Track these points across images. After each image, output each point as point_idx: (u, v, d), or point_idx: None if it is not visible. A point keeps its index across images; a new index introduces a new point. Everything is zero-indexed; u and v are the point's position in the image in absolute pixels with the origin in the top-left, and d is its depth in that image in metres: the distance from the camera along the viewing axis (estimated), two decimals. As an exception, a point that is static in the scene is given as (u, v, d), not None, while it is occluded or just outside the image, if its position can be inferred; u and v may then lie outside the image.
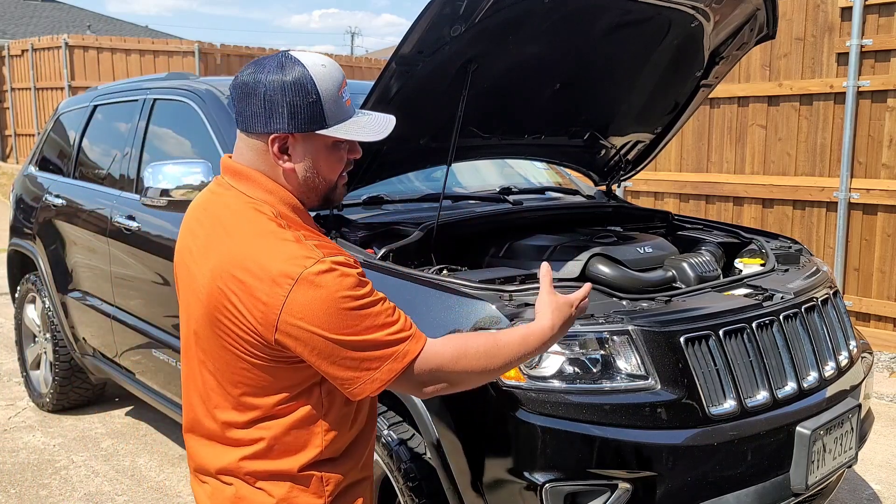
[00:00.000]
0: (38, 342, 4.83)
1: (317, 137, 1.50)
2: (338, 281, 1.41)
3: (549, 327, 1.60)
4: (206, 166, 2.99)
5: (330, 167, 1.54)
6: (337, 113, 1.49)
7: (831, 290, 2.81)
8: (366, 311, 1.44)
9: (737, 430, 2.22)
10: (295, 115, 1.47)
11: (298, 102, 1.46)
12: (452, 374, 1.50)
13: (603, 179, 3.82)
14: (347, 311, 1.42)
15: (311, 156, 1.51)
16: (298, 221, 1.52)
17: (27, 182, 4.97)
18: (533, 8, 2.55)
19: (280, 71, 1.47)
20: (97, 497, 3.63)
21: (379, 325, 1.44)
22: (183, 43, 15.32)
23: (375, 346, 1.44)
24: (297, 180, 1.53)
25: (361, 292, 1.44)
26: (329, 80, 1.49)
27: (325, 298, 1.40)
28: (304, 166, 1.52)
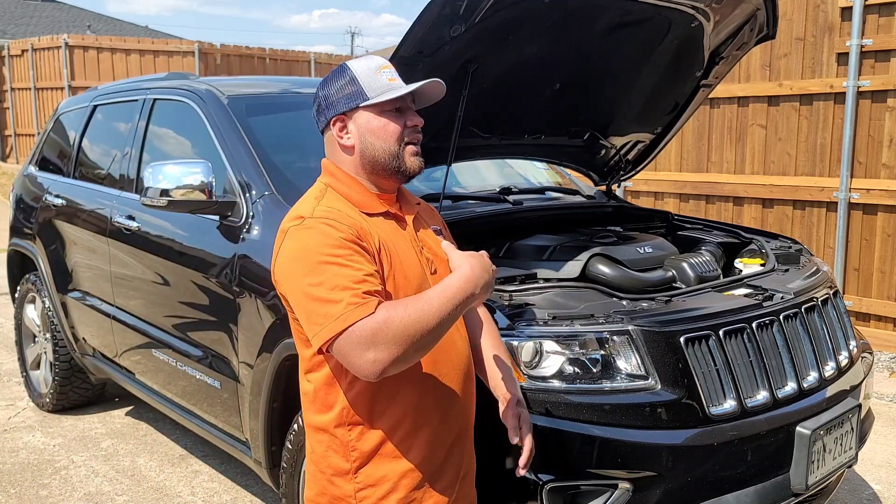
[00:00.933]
0: (37, 342, 4.83)
1: (365, 111, 1.73)
2: (314, 236, 1.60)
3: (466, 269, 1.62)
4: (206, 166, 2.98)
5: (381, 135, 1.73)
6: (376, 87, 1.72)
7: (831, 290, 2.81)
8: (329, 268, 1.56)
9: (737, 430, 2.22)
10: (341, 98, 1.74)
11: (341, 86, 1.75)
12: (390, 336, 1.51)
13: (603, 179, 3.82)
14: (315, 263, 1.57)
15: (361, 128, 1.74)
16: (352, 197, 1.73)
17: (27, 182, 4.97)
18: (533, 8, 2.55)
19: (332, 75, 1.78)
20: (97, 497, 3.63)
21: (336, 286, 1.54)
22: (183, 43, 15.33)
23: (326, 303, 1.54)
24: (359, 154, 1.75)
25: (333, 251, 1.57)
26: (365, 63, 1.76)
27: (300, 249, 1.61)
28: (360, 139, 1.75)
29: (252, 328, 2.84)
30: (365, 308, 1.52)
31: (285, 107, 3.72)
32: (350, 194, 1.74)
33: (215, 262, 3.06)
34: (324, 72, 16.95)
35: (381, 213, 1.76)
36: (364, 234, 1.65)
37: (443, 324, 1.56)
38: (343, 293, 1.53)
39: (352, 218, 1.67)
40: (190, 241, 3.27)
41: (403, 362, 1.54)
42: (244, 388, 2.92)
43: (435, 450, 1.75)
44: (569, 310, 2.25)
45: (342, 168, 1.78)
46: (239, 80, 4.49)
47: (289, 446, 2.68)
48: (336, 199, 1.73)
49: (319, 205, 1.69)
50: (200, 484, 3.76)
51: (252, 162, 3.09)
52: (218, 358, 3.10)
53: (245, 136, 3.20)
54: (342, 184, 1.76)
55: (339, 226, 1.62)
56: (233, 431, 3.12)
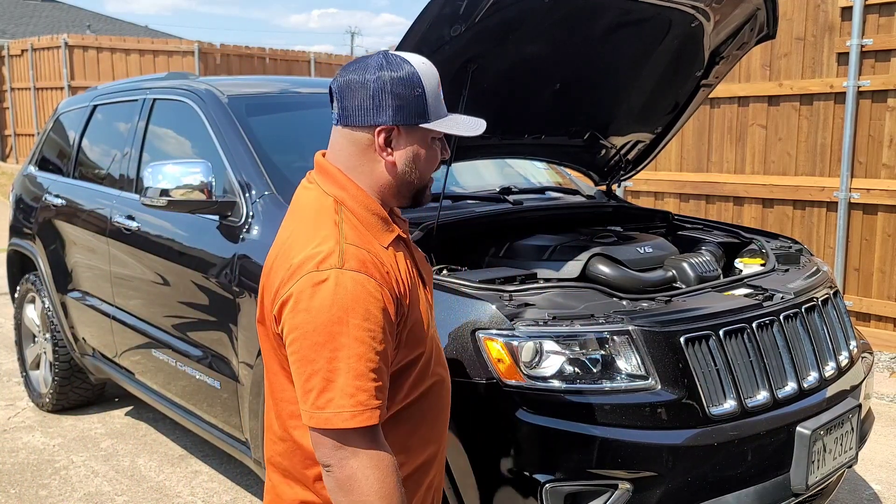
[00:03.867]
0: (37, 342, 4.82)
1: (419, 131, 1.53)
2: (345, 296, 1.38)
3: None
4: (205, 166, 2.98)
5: (427, 162, 1.56)
6: (437, 109, 1.55)
7: (831, 290, 2.81)
8: (354, 346, 1.36)
9: (737, 430, 2.22)
10: (402, 108, 1.49)
11: (406, 95, 1.49)
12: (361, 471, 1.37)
13: (603, 179, 3.82)
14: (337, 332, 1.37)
15: (412, 149, 1.53)
16: (367, 220, 1.51)
17: (27, 182, 4.97)
18: (533, 8, 2.55)
19: (388, 67, 1.49)
20: (97, 497, 3.63)
21: (352, 372, 1.36)
22: (183, 43, 15.33)
23: (335, 388, 1.36)
24: (396, 173, 1.53)
25: (363, 323, 1.37)
26: (432, 77, 1.55)
27: (323, 307, 1.37)
28: (405, 160, 1.53)
29: (252, 328, 2.84)
30: (374, 415, 1.37)
31: (285, 107, 3.72)
32: (368, 220, 1.51)
33: (215, 262, 3.06)
34: (324, 72, 16.93)
35: (395, 238, 1.56)
36: (391, 284, 1.45)
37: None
38: (360, 384, 1.36)
39: (378, 260, 1.45)
40: (190, 241, 3.27)
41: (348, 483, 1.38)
42: (244, 388, 2.92)
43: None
44: (569, 310, 2.25)
45: (355, 181, 1.53)
46: (239, 79, 4.49)
47: (289, 446, 2.68)
48: (355, 225, 1.49)
49: (344, 236, 1.45)
50: (200, 484, 3.75)
51: (252, 162, 3.09)
52: (218, 358, 3.10)
53: (245, 136, 3.20)
54: (357, 203, 1.51)
55: (370, 282, 1.39)
56: (233, 431, 3.12)
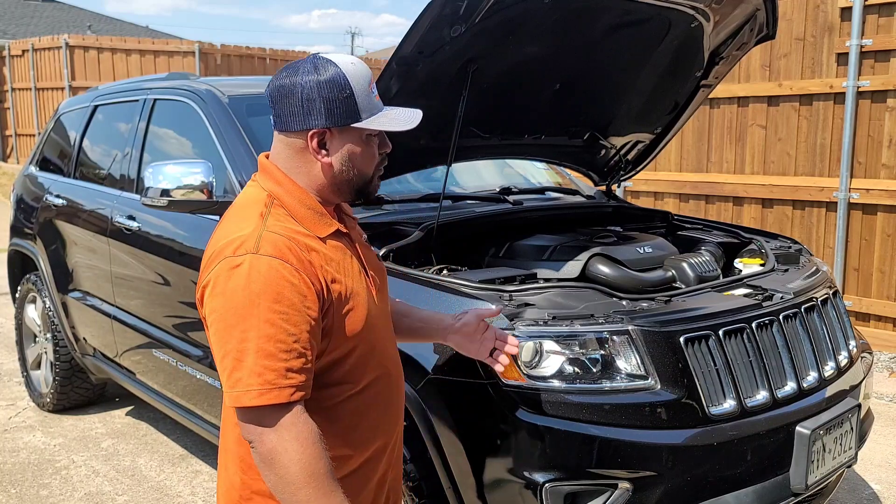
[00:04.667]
0: (38, 342, 4.83)
1: (352, 131, 1.57)
2: (257, 278, 1.42)
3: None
4: (206, 166, 2.99)
5: (364, 159, 1.59)
6: (369, 107, 1.57)
7: (831, 290, 2.81)
8: (264, 327, 1.41)
9: (737, 430, 2.22)
10: (332, 111, 1.54)
11: (334, 98, 1.53)
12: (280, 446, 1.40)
13: (603, 179, 3.82)
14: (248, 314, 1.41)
15: (346, 149, 1.57)
16: (300, 213, 1.55)
17: (28, 182, 4.97)
18: (533, 8, 2.55)
19: (315, 72, 1.54)
20: (97, 497, 3.64)
21: (264, 353, 1.40)
22: (183, 43, 15.33)
23: (246, 367, 1.40)
24: (332, 174, 1.58)
25: (274, 305, 1.41)
26: (360, 77, 1.57)
27: (235, 289, 1.43)
28: (341, 160, 1.58)
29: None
30: (282, 393, 1.40)
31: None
32: (301, 212, 1.55)
33: (216, 262, 3.05)
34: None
35: (332, 233, 1.58)
36: (312, 272, 1.48)
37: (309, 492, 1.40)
38: (268, 363, 1.40)
39: (301, 247, 1.49)
40: (190, 241, 3.27)
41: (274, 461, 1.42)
42: (244, 387, 2.92)
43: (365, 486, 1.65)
44: (569, 310, 2.25)
45: (294, 179, 1.58)
46: (239, 80, 4.50)
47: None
48: (283, 217, 1.53)
49: (268, 223, 1.50)
50: (201, 484, 3.76)
51: (252, 162, 3.10)
52: (218, 358, 3.10)
53: (245, 136, 3.21)
54: (292, 197, 1.56)
55: (285, 266, 1.44)
56: (233, 431, 3.12)
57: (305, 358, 1.44)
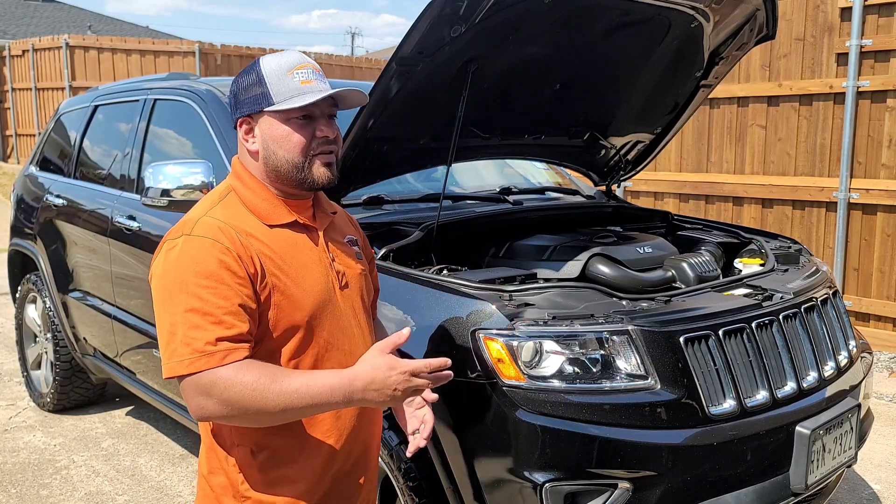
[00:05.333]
0: (38, 342, 4.83)
1: (270, 116, 1.60)
2: (186, 255, 1.50)
3: (360, 376, 1.48)
4: (206, 166, 2.99)
5: (284, 145, 1.60)
6: (284, 91, 1.58)
7: (831, 290, 2.81)
8: (190, 300, 1.46)
9: (736, 430, 2.23)
10: (246, 100, 1.62)
11: (245, 87, 1.62)
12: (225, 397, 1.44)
13: (603, 179, 3.82)
14: (177, 289, 1.48)
15: (266, 134, 1.61)
16: (253, 204, 1.62)
17: (28, 182, 4.97)
18: (533, 8, 2.55)
19: (240, 73, 1.66)
20: (98, 497, 3.64)
21: (191, 324, 1.45)
22: (183, 43, 15.33)
23: (177, 338, 1.46)
24: (262, 161, 1.63)
25: (200, 280, 1.47)
26: (276, 61, 1.61)
27: (168, 267, 1.51)
28: (263, 146, 1.62)
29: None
30: (212, 359, 1.44)
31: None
32: (253, 202, 1.62)
33: (216, 262, 3.06)
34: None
35: (287, 223, 1.63)
36: (246, 253, 1.52)
37: (288, 413, 1.47)
38: (196, 334, 1.45)
39: (237, 233, 1.54)
40: (190, 241, 3.27)
41: (233, 422, 1.49)
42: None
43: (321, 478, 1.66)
44: (569, 310, 2.25)
45: (250, 171, 1.66)
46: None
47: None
48: (235, 205, 1.62)
49: (212, 211, 1.59)
50: (201, 484, 3.76)
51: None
52: (218, 358, 3.10)
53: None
54: (247, 188, 1.64)
55: (215, 245, 1.50)
56: (233, 431, 3.12)
57: (237, 329, 1.47)
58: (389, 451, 2.35)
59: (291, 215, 1.64)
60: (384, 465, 2.38)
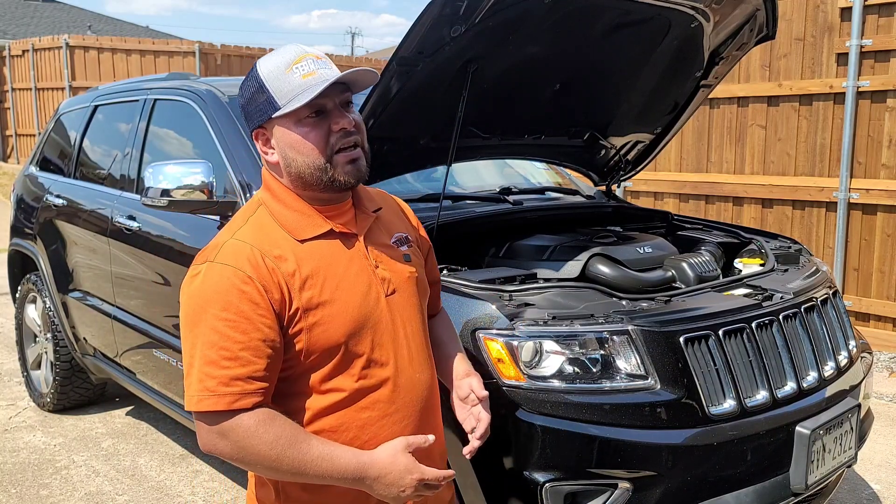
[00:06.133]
0: (38, 342, 4.83)
1: (281, 121, 1.50)
2: (209, 285, 1.44)
3: (376, 467, 1.44)
4: (206, 166, 2.99)
5: (301, 149, 1.50)
6: (287, 91, 1.48)
7: (831, 290, 2.81)
8: (210, 335, 1.41)
9: (736, 430, 2.23)
10: (255, 111, 1.52)
11: (250, 97, 1.52)
12: (239, 445, 1.42)
13: (603, 179, 3.82)
14: (198, 321, 1.43)
15: (283, 141, 1.51)
16: (283, 217, 1.54)
17: (28, 182, 4.97)
18: (533, 8, 2.55)
19: (241, 85, 1.56)
20: (98, 497, 3.64)
21: (210, 360, 1.41)
22: (183, 43, 15.33)
23: (196, 372, 1.43)
24: (284, 171, 1.54)
25: (220, 313, 1.42)
26: (273, 62, 1.50)
27: (192, 295, 1.46)
28: (282, 154, 1.52)
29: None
30: (221, 400, 1.40)
31: (286, 107, 3.72)
32: (283, 215, 1.53)
33: (216, 262, 3.06)
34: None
35: (321, 234, 1.53)
36: (272, 280, 1.45)
37: (297, 478, 1.45)
38: (210, 370, 1.41)
39: (263, 256, 1.46)
40: (190, 241, 3.27)
41: (239, 465, 1.46)
42: (245, 387, 2.92)
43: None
44: (569, 310, 2.25)
45: (280, 180, 1.56)
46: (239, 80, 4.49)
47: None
48: (265, 222, 1.53)
49: (239, 232, 1.51)
50: (201, 483, 3.76)
51: (252, 162, 3.10)
52: (218, 358, 3.10)
53: (245, 136, 3.21)
54: (277, 201, 1.55)
55: (237, 274, 1.43)
56: (233, 431, 3.12)
57: (255, 366, 1.42)
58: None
59: (326, 224, 1.54)
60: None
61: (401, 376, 1.59)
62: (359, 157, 1.53)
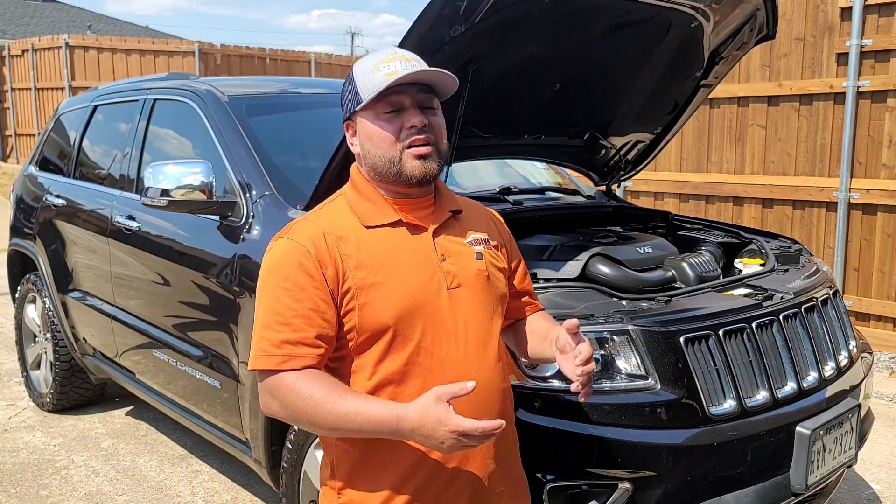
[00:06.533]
0: (38, 342, 4.83)
1: (363, 114, 1.62)
2: (273, 257, 1.59)
3: (409, 417, 1.44)
4: (206, 166, 2.99)
5: (376, 141, 1.61)
6: (370, 87, 1.58)
7: (831, 290, 2.81)
8: (270, 302, 1.56)
9: (737, 430, 2.22)
10: (346, 101, 1.66)
11: (344, 91, 1.67)
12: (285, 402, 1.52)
13: (603, 179, 3.82)
14: (262, 287, 1.58)
15: (363, 133, 1.64)
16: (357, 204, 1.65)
17: (27, 182, 4.97)
18: (533, 8, 2.55)
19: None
20: (97, 497, 3.63)
21: (267, 323, 1.55)
22: (183, 43, 15.33)
23: (257, 333, 1.57)
24: (363, 161, 1.67)
25: (280, 282, 1.55)
26: (366, 62, 1.64)
27: (263, 267, 1.61)
28: (361, 146, 1.65)
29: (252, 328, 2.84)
30: (270, 360, 1.52)
31: (285, 107, 3.73)
32: (357, 203, 1.65)
33: (215, 262, 3.06)
34: (324, 72, 16.96)
35: (389, 223, 1.62)
36: (329, 256, 1.55)
37: (337, 433, 1.52)
38: (265, 333, 1.55)
39: (326, 235, 1.57)
40: (190, 241, 3.27)
41: (293, 424, 1.57)
42: (244, 388, 2.92)
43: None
44: (569, 310, 2.25)
45: (361, 172, 1.69)
46: (239, 80, 4.50)
47: (289, 446, 2.68)
48: (339, 208, 1.66)
49: (314, 213, 1.67)
50: (201, 484, 3.76)
51: (252, 162, 3.10)
52: (218, 358, 3.10)
53: (245, 136, 3.20)
54: (355, 191, 1.67)
55: (299, 249, 1.56)
56: (233, 431, 3.12)
57: (305, 333, 1.52)
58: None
59: (395, 214, 1.64)
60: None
61: (450, 368, 1.60)
62: (427, 155, 1.61)
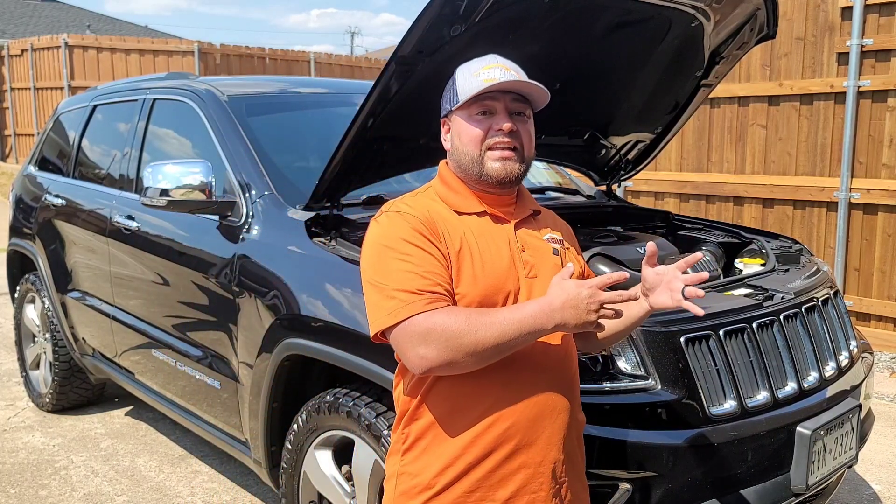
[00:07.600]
0: (37, 342, 4.83)
1: (458, 113, 1.74)
2: (385, 227, 1.66)
3: (551, 299, 1.55)
4: (205, 166, 2.98)
5: (466, 138, 1.72)
6: (468, 89, 1.70)
7: (831, 290, 2.81)
8: (392, 262, 1.60)
9: (737, 431, 2.22)
10: (445, 101, 1.79)
11: (445, 90, 1.79)
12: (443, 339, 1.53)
13: (603, 179, 3.81)
14: (379, 254, 1.63)
15: (454, 130, 1.76)
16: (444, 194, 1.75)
17: (27, 182, 4.97)
18: (533, 7, 2.55)
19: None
20: (97, 497, 3.63)
21: (395, 280, 1.58)
22: (183, 43, 15.32)
23: (384, 295, 1.59)
24: (453, 153, 1.77)
25: (398, 245, 1.61)
26: (469, 66, 1.76)
27: (371, 239, 1.68)
28: (451, 141, 1.78)
29: (252, 328, 2.84)
30: (418, 305, 1.55)
31: (285, 106, 3.72)
32: (445, 193, 1.76)
33: (215, 262, 3.05)
34: (323, 71, 16.92)
35: (477, 212, 1.74)
36: (437, 229, 1.66)
37: (503, 344, 1.54)
38: (401, 287, 1.58)
39: (430, 212, 1.69)
40: (190, 241, 3.27)
41: (455, 367, 1.55)
42: (244, 388, 2.92)
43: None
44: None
45: (450, 168, 1.79)
46: (239, 79, 4.49)
47: (288, 446, 2.68)
48: (429, 197, 1.76)
49: (404, 199, 1.74)
50: (200, 484, 3.75)
51: (252, 162, 3.09)
52: (218, 358, 3.10)
53: (245, 136, 3.20)
54: (443, 184, 1.78)
55: (410, 218, 1.65)
56: (232, 431, 3.12)
57: (439, 283, 1.59)
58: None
59: (481, 205, 1.74)
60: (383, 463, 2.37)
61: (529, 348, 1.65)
62: (509, 158, 1.71)
